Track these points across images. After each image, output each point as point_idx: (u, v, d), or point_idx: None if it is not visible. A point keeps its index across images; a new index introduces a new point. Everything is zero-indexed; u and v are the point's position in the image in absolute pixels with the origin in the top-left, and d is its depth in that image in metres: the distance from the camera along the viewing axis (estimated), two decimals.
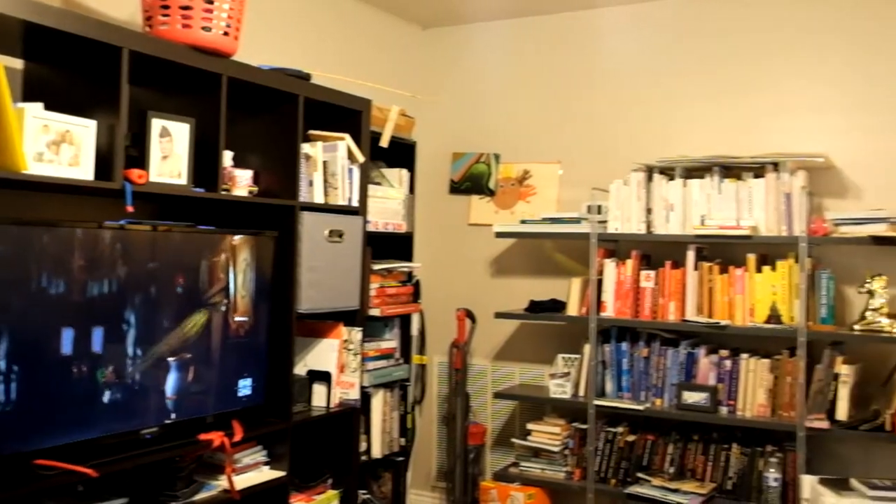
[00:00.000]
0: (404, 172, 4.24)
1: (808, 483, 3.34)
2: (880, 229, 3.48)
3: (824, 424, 3.49)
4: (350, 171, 3.52)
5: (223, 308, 2.93)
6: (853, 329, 3.53)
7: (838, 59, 3.86)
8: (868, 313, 3.52)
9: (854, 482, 3.17)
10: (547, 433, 4.12)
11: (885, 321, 3.48)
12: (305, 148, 3.31)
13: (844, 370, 3.52)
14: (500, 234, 4.26)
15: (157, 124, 2.67)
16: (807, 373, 3.59)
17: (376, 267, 3.92)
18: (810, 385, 3.59)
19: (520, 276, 4.56)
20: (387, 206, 4.04)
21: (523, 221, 4.27)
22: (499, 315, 4.22)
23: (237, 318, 2.99)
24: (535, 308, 4.20)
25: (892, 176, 3.75)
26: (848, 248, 3.77)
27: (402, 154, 4.28)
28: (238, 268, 2.98)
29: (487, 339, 4.63)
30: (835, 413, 3.53)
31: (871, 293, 3.52)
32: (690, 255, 3.83)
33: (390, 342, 4.12)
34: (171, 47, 2.71)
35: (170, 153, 2.71)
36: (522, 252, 4.57)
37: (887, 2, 3.77)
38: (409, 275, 4.23)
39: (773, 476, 3.59)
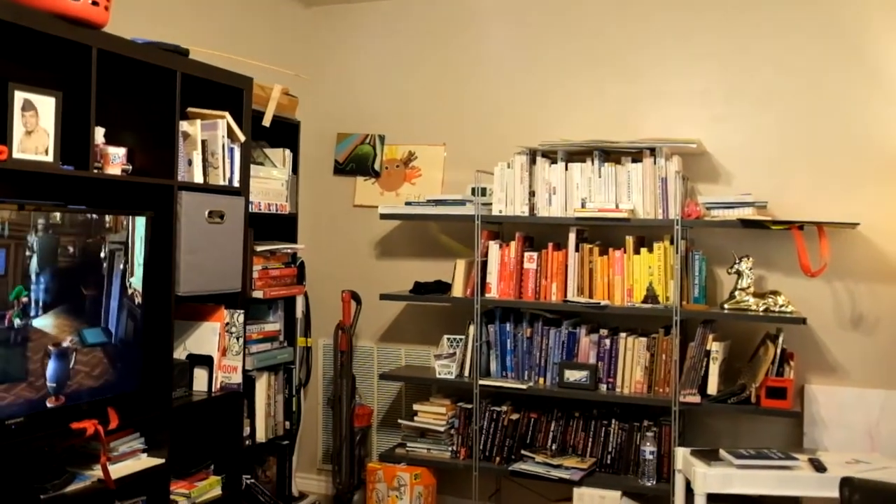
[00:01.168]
0: (287, 153, 4.15)
1: (681, 455, 3.49)
2: (747, 213, 3.66)
3: (696, 399, 3.66)
4: (231, 150, 3.41)
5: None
6: (723, 308, 3.70)
7: (711, 50, 4.01)
8: (737, 293, 3.69)
9: (723, 452, 3.33)
10: (433, 413, 4.14)
11: (751, 300, 3.66)
12: (184, 126, 3.19)
13: (715, 347, 3.69)
14: (384, 216, 4.24)
15: (19, 97, 2.51)
16: (681, 350, 3.74)
17: (259, 248, 3.83)
18: (684, 362, 3.75)
19: (405, 258, 4.56)
20: (269, 186, 3.95)
21: (408, 203, 4.26)
22: (384, 297, 4.21)
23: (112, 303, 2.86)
24: (421, 289, 4.21)
25: (759, 162, 3.94)
26: (719, 231, 3.94)
27: (285, 134, 4.18)
28: (112, 249, 2.85)
29: (373, 320, 4.61)
30: (706, 388, 3.70)
31: (739, 274, 3.69)
32: (572, 238, 3.92)
33: (274, 325, 4.05)
34: (35, 15, 2.54)
35: (34, 128, 2.55)
36: (408, 234, 4.57)
37: None
38: (293, 256, 4.16)
39: (649, 449, 3.73)
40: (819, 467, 3.23)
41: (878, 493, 2.75)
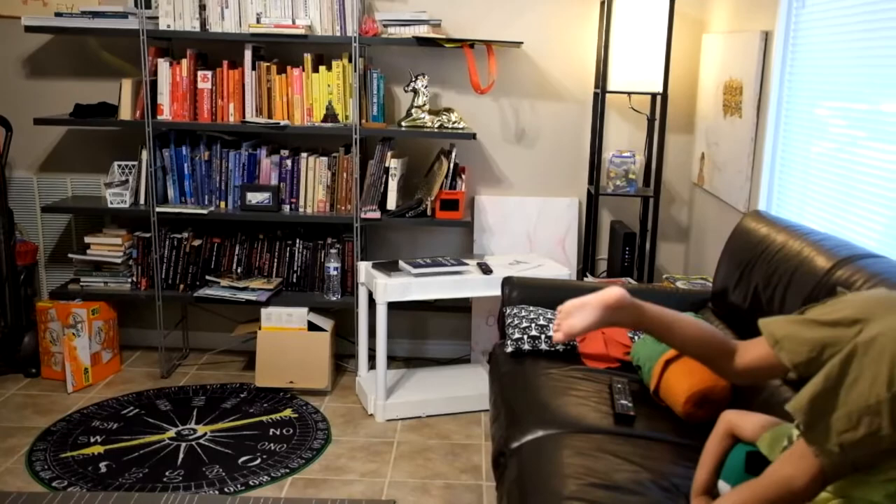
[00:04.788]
0: None
1: (364, 268, 3.64)
2: (423, 31, 3.71)
3: (377, 215, 3.79)
4: None
5: None
6: (401, 125, 3.79)
7: None
8: (413, 110, 3.80)
9: (402, 263, 3.52)
10: (107, 245, 3.90)
11: (427, 117, 3.79)
12: None
13: (394, 164, 3.80)
14: (31, 29, 3.71)
15: None
16: (361, 168, 3.82)
17: None
18: (364, 179, 3.84)
19: (62, 78, 4.08)
20: None
21: (58, 14, 3.76)
22: (39, 121, 3.76)
23: None
24: (83, 112, 3.83)
25: None
26: (396, 49, 3.97)
27: None
28: None
29: (29, 149, 4.14)
30: (385, 204, 3.84)
31: (415, 92, 3.78)
32: (248, 55, 3.74)
33: None
34: None
35: None
36: (63, 50, 4.07)
37: None
38: None
39: (333, 266, 3.84)
40: (486, 270, 3.54)
41: (532, 287, 3.10)
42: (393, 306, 4.13)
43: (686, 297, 3.06)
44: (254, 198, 3.82)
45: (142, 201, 3.89)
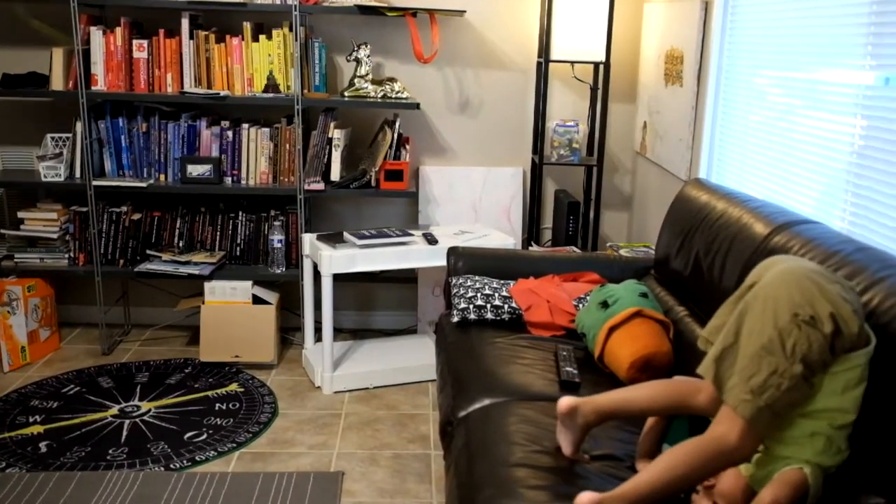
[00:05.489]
0: None
1: (308, 240, 3.60)
2: None
3: (320, 186, 3.75)
4: None
5: None
6: (343, 96, 3.75)
7: None
8: (356, 80, 3.75)
9: (346, 235, 3.50)
10: (42, 220, 3.79)
11: (370, 87, 3.75)
12: None
13: (337, 134, 3.76)
14: None
15: None
16: (304, 139, 3.77)
17: None
18: (307, 150, 3.79)
19: None
20: None
21: None
22: None
23: None
24: (11, 83, 3.69)
25: None
26: (338, 18, 3.91)
27: None
28: None
29: None
30: (329, 175, 3.80)
31: (358, 61, 3.73)
32: (185, 23, 3.64)
33: None
34: None
35: None
36: None
37: None
38: None
39: (277, 238, 3.80)
40: (431, 240, 3.54)
41: (477, 257, 3.10)
42: (338, 278, 4.10)
43: (629, 265, 3.10)
44: (194, 170, 3.74)
45: (77, 174, 3.78)
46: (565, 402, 1.91)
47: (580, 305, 2.84)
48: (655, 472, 1.61)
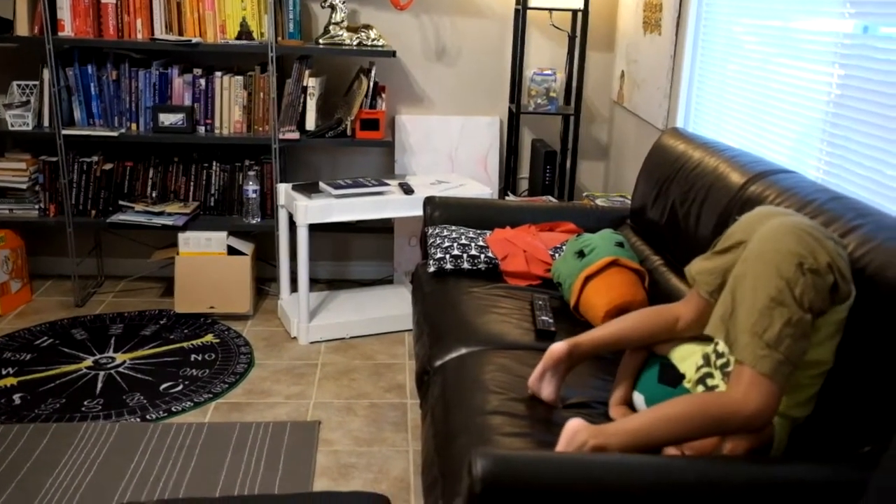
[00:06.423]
0: None
1: (283, 190, 3.57)
2: None
3: (295, 135, 3.70)
4: None
5: None
6: (318, 43, 3.68)
7: None
8: (331, 27, 3.68)
9: (322, 185, 3.46)
10: (11, 170, 3.72)
11: (345, 34, 3.68)
12: None
13: (312, 83, 3.70)
14: None
15: None
16: (278, 87, 3.70)
17: None
18: (282, 99, 3.73)
19: None
20: None
21: None
22: None
23: None
24: None
25: None
26: None
27: None
28: None
29: None
30: (304, 124, 3.75)
31: (333, 8, 3.66)
32: None
33: None
34: None
35: None
36: None
37: None
38: None
39: (252, 188, 3.76)
40: (408, 190, 3.51)
41: (454, 207, 3.09)
42: (314, 228, 4.08)
43: (605, 215, 3.10)
44: (167, 119, 3.68)
45: (45, 123, 3.70)
46: (559, 348, 1.91)
47: (556, 255, 2.85)
48: (650, 418, 1.56)
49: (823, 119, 2.23)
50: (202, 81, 3.71)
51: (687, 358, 1.84)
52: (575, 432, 1.60)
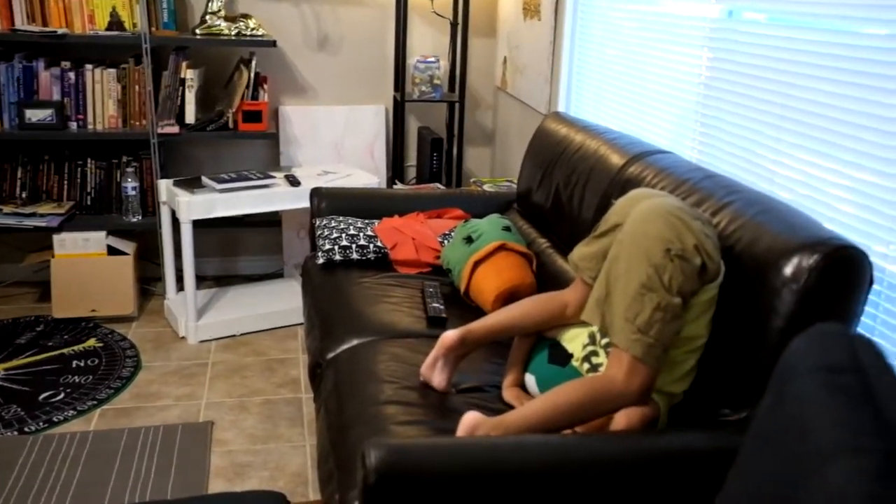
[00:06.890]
0: None
1: (164, 186, 3.45)
2: None
3: (175, 129, 3.58)
4: None
5: None
6: (195, 33, 3.56)
7: None
8: (208, 17, 3.57)
9: (205, 179, 3.36)
10: None
11: (223, 24, 3.58)
12: None
13: (190, 75, 3.58)
14: None
15: None
16: (154, 80, 3.57)
17: None
18: (159, 92, 3.60)
19: None
20: None
21: None
22: None
23: None
24: None
25: None
26: None
27: None
28: None
29: None
30: (184, 117, 3.63)
31: None
32: None
33: None
34: None
35: None
36: None
37: None
38: None
39: (131, 185, 3.62)
40: (294, 182, 3.46)
41: (341, 198, 3.05)
42: (199, 224, 3.96)
43: (492, 200, 3.13)
44: (34, 115, 3.49)
45: None
46: (451, 336, 1.92)
47: (445, 242, 2.86)
48: (543, 406, 1.62)
49: (696, 101, 2.31)
50: (71, 75, 3.54)
51: (575, 339, 1.88)
52: (474, 427, 1.62)
